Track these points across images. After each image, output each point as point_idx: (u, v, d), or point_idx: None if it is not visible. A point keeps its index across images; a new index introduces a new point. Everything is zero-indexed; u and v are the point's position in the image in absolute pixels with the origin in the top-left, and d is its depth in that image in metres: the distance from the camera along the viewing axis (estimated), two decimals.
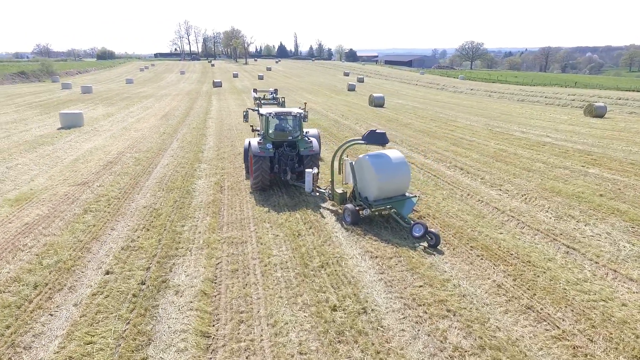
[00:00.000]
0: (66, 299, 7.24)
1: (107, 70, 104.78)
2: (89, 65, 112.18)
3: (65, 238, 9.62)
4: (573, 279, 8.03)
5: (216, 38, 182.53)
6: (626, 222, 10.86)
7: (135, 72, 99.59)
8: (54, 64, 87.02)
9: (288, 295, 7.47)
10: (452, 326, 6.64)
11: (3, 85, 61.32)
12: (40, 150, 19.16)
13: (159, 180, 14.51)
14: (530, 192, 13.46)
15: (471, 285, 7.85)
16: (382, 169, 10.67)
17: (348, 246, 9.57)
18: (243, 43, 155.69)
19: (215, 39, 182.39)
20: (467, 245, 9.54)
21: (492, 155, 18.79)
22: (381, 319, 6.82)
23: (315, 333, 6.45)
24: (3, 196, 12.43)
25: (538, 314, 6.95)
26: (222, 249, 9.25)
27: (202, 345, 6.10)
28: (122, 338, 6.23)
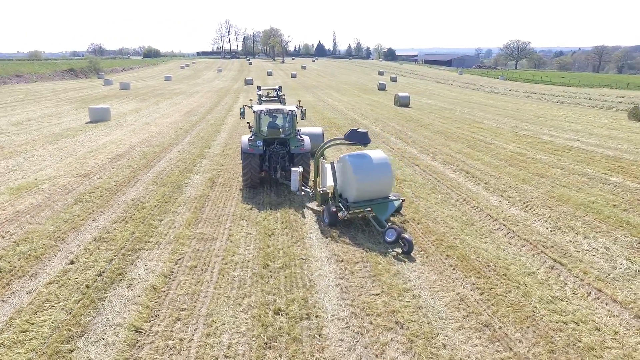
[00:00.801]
0: (23, 286, 7.46)
1: (150, 68, 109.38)
2: (134, 63, 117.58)
3: (47, 227, 9.98)
4: (547, 297, 7.31)
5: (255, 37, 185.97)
6: (632, 237, 9.81)
7: (176, 70, 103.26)
8: (100, 61, 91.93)
9: (236, 296, 7.30)
10: (395, 340, 6.20)
11: (53, 81, 65.43)
12: (61, 142, 20.16)
13: (157, 174, 14.81)
14: (534, 199, 12.52)
15: (432, 297, 7.34)
16: (362, 169, 10.26)
17: (317, 248, 9.27)
18: (281, 42, 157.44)
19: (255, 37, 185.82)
20: (442, 254, 8.96)
21: (506, 159, 17.73)
22: (322, 327, 6.50)
23: (248, 336, 6.24)
24: (7, 184, 13.13)
25: (494, 333, 6.36)
26: (189, 245, 9.24)
27: (130, 341, 6.06)
28: (58, 328, 6.31)
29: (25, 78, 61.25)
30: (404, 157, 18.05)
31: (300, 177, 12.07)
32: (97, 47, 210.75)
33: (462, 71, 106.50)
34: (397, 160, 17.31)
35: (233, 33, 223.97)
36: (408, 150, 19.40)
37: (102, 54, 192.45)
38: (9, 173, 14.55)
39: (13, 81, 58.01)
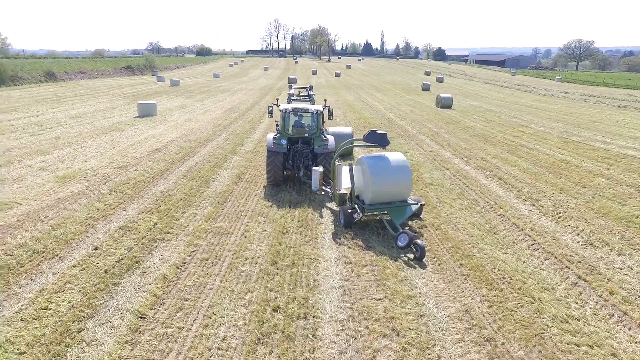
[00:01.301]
0: (50, 267, 8.09)
1: (201, 66, 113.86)
2: (187, 61, 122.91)
3: (81, 214, 10.73)
4: (562, 315, 6.83)
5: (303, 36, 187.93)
6: None
7: (225, 68, 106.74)
8: (156, 59, 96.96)
9: (239, 290, 7.48)
10: (388, 346, 6.09)
11: (112, 78, 69.91)
12: (109, 135, 21.54)
13: (189, 168, 15.44)
14: (569, 210, 11.72)
15: (436, 306, 7.11)
16: (379, 171, 10.10)
17: (328, 249, 9.26)
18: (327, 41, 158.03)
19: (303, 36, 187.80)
20: (456, 263, 8.64)
21: (546, 167, 16.71)
22: (317, 328, 6.51)
23: (244, 331, 6.38)
24: (55, 173, 14.25)
25: (494, 349, 6.05)
26: (205, 238, 9.56)
27: (133, 326, 6.39)
28: (73, 308, 6.79)
29: (88, 74, 65.93)
30: (435, 160, 17.54)
31: (321, 177, 12.10)
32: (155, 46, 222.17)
33: (515, 72, 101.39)
34: (427, 163, 16.86)
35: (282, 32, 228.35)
36: (441, 153, 18.83)
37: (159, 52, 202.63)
38: (59, 162, 15.78)
39: (77, 77, 62.62)
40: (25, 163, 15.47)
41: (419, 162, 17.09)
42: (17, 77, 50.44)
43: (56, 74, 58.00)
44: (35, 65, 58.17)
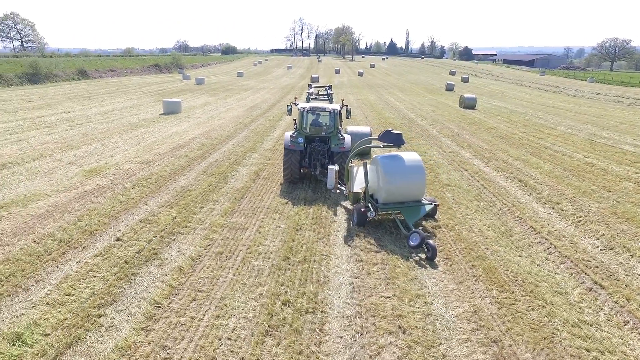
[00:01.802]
0: (75, 256, 8.53)
1: (226, 64, 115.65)
2: (212, 59, 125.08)
3: (105, 206, 11.22)
4: (574, 320, 6.73)
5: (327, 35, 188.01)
6: None
7: (249, 66, 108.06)
8: (182, 57, 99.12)
9: (251, 284, 7.69)
10: (393, 343, 6.16)
11: (141, 75, 71.99)
12: (134, 132, 22.28)
13: (209, 165, 15.84)
14: (590, 214, 11.43)
15: (444, 306, 7.12)
16: (393, 171, 10.13)
17: (340, 246, 9.38)
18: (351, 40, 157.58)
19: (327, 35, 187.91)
20: (468, 264, 8.60)
21: (570, 169, 16.28)
22: (325, 322, 6.64)
23: (253, 322, 6.58)
24: (82, 167, 14.90)
25: (501, 350, 6.03)
26: (221, 233, 9.84)
27: (149, 314, 6.69)
28: (94, 295, 7.15)
29: (117, 72, 68.12)
30: (454, 161, 17.35)
31: (337, 175, 12.20)
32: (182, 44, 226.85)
33: (544, 72, 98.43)
34: (445, 164, 16.71)
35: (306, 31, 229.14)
36: (461, 154, 18.60)
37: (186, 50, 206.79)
38: (87, 157, 16.47)
39: (108, 75, 64.82)
40: (55, 157, 16.22)
41: (437, 162, 16.96)
42: (51, 74, 52.67)
43: (88, 72, 60.21)
44: (69, 63, 60.52)
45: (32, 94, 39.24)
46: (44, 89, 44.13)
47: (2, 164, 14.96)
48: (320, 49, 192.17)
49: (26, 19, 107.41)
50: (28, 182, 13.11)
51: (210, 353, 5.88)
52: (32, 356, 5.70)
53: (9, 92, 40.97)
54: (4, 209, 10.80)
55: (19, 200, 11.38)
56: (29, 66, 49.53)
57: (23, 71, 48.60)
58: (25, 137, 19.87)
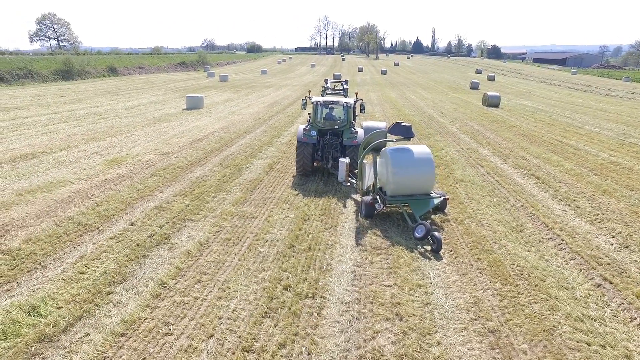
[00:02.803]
0: (91, 238, 8.95)
1: (250, 62, 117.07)
2: (237, 57, 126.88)
3: (123, 194, 11.68)
4: (578, 315, 6.59)
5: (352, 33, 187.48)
6: None
7: (273, 64, 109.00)
8: (208, 55, 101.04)
9: (255, 269, 7.89)
10: (389, 329, 6.21)
11: (167, 73, 73.83)
12: (157, 125, 22.97)
13: (225, 157, 16.19)
14: (609, 212, 11.07)
15: (444, 296, 7.10)
16: (401, 163, 10.12)
17: (347, 236, 9.46)
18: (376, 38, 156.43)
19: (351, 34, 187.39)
20: (474, 257, 8.52)
21: (592, 168, 15.76)
22: (323, 307, 6.76)
23: (253, 305, 6.76)
24: (105, 157, 15.52)
25: (497, 341, 5.99)
26: (231, 221, 10.09)
27: (155, 292, 6.98)
28: (105, 274, 7.51)
29: (145, 69, 70.12)
30: (471, 157, 17.09)
31: (347, 168, 12.26)
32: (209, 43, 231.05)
33: (576, 71, 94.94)
34: (461, 160, 16.48)
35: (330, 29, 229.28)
36: (478, 151, 18.29)
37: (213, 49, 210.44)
38: (110, 148, 17.14)
39: (136, 72, 66.83)
40: (81, 148, 16.96)
41: (453, 158, 16.75)
42: (83, 71, 54.76)
43: (117, 69, 62.27)
44: (100, 61, 62.74)
45: (65, 90, 40.93)
46: (76, 85, 45.97)
47: (32, 153, 15.77)
48: (345, 47, 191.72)
49: (62, 19, 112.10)
50: (54, 170, 13.78)
51: (209, 330, 6.09)
52: (45, 326, 6.07)
53: (44, 87, 42.88)
54: (31, 194, 11.42)
55: (44, 186, 12.00)
56: (62, 63, 51.70)
57: (57, 68, 50.75)
58: (55, 129, 20.83)
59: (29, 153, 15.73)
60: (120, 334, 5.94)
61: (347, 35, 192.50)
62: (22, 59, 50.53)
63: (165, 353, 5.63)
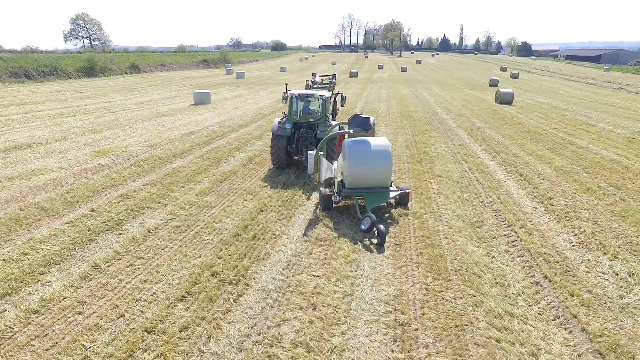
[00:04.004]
0: (48, 223, 9.30)
1: (273, 60, 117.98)
2: (261, 55, 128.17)
3: (96, 182, 12.04)
4: (499, 312, 6.33)
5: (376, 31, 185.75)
6: None
7: (294, 62, 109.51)
8: (229, 53, 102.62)
9: (192, 255, 7.99)
10: (298, 318, 6.16)
11: (189, 70, 75.47)
12: (158, 120, 23.55)
13: (209, 150, 16.44)
14: (582, 211, 10.55)
15: (369, 289, 6.98)
16: (358, 155, 9.98)
17: (297, 228, 9.43)
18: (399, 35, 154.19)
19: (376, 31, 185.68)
20: (417, 251, 8.32)
21: (586, 166, 15.03)
22: (243, 294, 6.77)
23: (175, 289, 6.84)
24: (94, 148, 16.09)
25: (403, 334, 5.84)
26: (188, 210, 10.25)
27: (85, 273, 7.18)
28: (46, 256, 7.80)
29: (167, 67, 71.97)
30: (459, 153, 16.64)
31: None
32: (236, 41, 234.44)
33: (609, 68, 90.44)
34: (447, 156, 16.08)
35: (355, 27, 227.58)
36: (470, 147, 17.79)
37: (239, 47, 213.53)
38: (103, 140, 17.73)
39: (158, 69, 68.69)
40: (76, 139, 17.63)
41: (439, 154, 16.37)
42: (106, 69, 56.77)
43: (140, 66, 64.21)
44: (123, 58, 64.87)
45: (85, 86, 42.57)
46: (97, 82, 47.72)
47: (28, 144, 16.53)
48: (369, 45, 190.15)
49: (94, 19, 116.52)
50: (42, 159, 14.41)
51: (121, 311, 6.24)
52: None
53: (66, 84, 44.77)
54: (10, 180, 11.98)
55: (25, 174, 12.56)
56: (86, 61, 53.78)
57: (81, 65, 52.84)
58: (60, 122, 21.72)
59: (25, 144, 16.49)
60: (34, 311, 6.17)
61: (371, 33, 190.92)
62: (48, 56, 52.94)
63: (69, 330, 5.80)
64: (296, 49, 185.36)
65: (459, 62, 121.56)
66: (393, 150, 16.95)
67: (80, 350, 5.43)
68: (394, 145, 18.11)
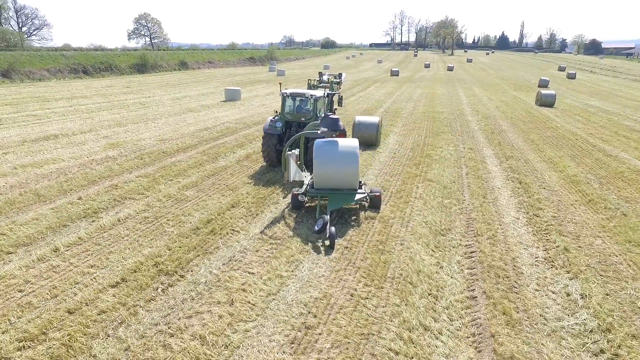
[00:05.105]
0: (37, 208, 10.21)
1: (318, 58, 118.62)
2: (308, 53, 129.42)
3: (96, 173, 12.98)
4: (413, 324, 6.10)
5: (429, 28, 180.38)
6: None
7: (340, 60, 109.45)
8: (276, 51, 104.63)
9: (145, 245, 8.42)
10: (212, 312, 6.33)
11: (235, 67, 78.05)
12: (183, 115, 24.71)
13: (214, 146, 17.04)
14: (569, 224, 9.77)
15: (296, 290, 6.99)
16: (324, 155, 9.93)
17: (260, 225, 9.59)
18: (452, 33, 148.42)
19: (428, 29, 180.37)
20: (364, 256, 8.16)
21: (603, 176, 13.80)
22: (171, 286, 7.06)
23: (114, 275, 7.28)
24: (109, 141, 17.27)
25: (303, 337, 5.81)
26: (163, 202, 10.76)
27: (43, 256, 7.85)
28: (19, 238, 8.59)
29: (214, 64, 74.92)
30: (464, 157, 15.92)
31: (296, 160, 12.26)
32: (288, 39, 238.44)
33: None
34: (450, 160, 15.45)
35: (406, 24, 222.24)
36: (480, 151, 16.94)
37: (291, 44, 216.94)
38: (122, 133, 18.97)
39: (205, 66, 71.74)
40: (98, 132, 19.02)
41: (442, 157, 15.77)
42: (157, 65, 60.24)
43: (188, 63, 67.42)
44: (173, 56, 68.47)
45: (134, 82, 45.50)
46: (146, 78, 50.83)
47: (55, 135, 18.08)
48: (421, 43, 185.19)
49: (155, 18, 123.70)
50: (60, 149, 15.74)
51: (57, 292, 6.75)
52: None
53: (117, 79, 48.12)
54: (23, 168, 13.24)
55: (38, 163, 13.82)
56: (138, 58, 57.41)
57: (134, 62, 56.53)
58: (94, 116, 23.50)
59: (53, 135, 18.05)
60: None
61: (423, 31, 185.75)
62: (105, 54, 57.11)
63: (4, 306, 6.39)
64: (346, 47, 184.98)
65: (515, 60, 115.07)
66: (396, 152, 16.63)
67: (5, 324, 5.98)
68: (401, 146, 17.71)
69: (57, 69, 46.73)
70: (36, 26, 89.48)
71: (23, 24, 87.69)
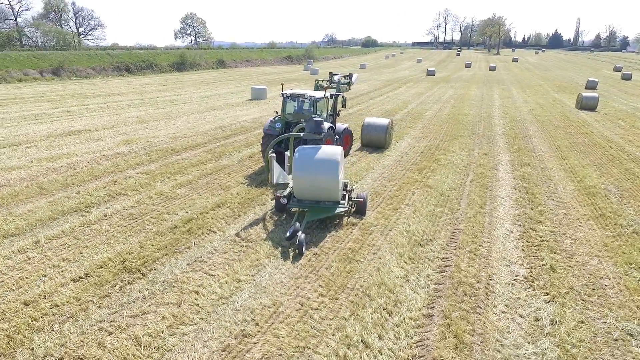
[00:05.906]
0: (37, 200, 10.79)
1: (357, 57, 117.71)
2: (347, 52, 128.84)
3: (102, 168, 13.54)
4: (355, 340, 5.80)
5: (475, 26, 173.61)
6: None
7: (378, 59, 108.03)
8: (314, 50, 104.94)
9: (121, 241, 8.64)
10: (157, 312, 6.37)
11: (271, 66, 79.13)
12: (204, 114, 25.31)
13: (222, 144, 17.29)
14: (567, 240, 8.98)
15: (249, 296, 6.89)
16: (303, 164, 9.56)
17: (238, 226, 9.58)
18: (498, 31, 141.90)
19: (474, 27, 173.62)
20: (329, 264, 7.92)
21: (627, 187, 12.61)
22: (132, 282, 7.19)
23: (84, 268, 7.51)
24: (125, 137, 17.98)
25: (236, 346, 5.69)
26: (154, 199, 11.02)
27: (24, 247, 8.26)
28: (11, 229, 9.11)
29: (252, 63, 76.37)
30: (474, 163, 15.11)
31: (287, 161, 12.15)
32: (330, 38, 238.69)
33: None
34: (459, 167, 14.72)
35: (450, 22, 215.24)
36: (496, 157, 16.03)
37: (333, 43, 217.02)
38: (141, 130, 19.71)
39: (242, 65, 73.29)
40: (119, 129, 19.87)
41: (450, 162, 15.07)
42: (195, 64, 62.25)
43: (226, 62, 69.17)
44: (212, 54, 70.46)
45: (171, 80, 47.28)
46: (183, 76, 52.69)
47: (79, 130, 19.10)
48: (466, 41, 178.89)
49: (200, 18, 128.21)
50: (78, 145, 16.59)
51: (22, 284, 7.07)
52: None
53: (156, 77, 50.23)
54: (38, 161, 14.07)
55: (53, 157, 14.63)
56: (178, 57, 59.62)
57: (173, 61, 58.79)
58: (122, 113, 24.61)
59: (77, 130, 19.08)
60: None
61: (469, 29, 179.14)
62: (147, 53, 59.77)
63: None
64: (387, 46, 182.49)
65: (566, 60, 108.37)
66: (404, 156, 16.11)
67: None
68: (411, 149, 17.14)
69: (102, 67, 49.48)
70: (91, 27, 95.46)
71: (80, 24, 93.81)
